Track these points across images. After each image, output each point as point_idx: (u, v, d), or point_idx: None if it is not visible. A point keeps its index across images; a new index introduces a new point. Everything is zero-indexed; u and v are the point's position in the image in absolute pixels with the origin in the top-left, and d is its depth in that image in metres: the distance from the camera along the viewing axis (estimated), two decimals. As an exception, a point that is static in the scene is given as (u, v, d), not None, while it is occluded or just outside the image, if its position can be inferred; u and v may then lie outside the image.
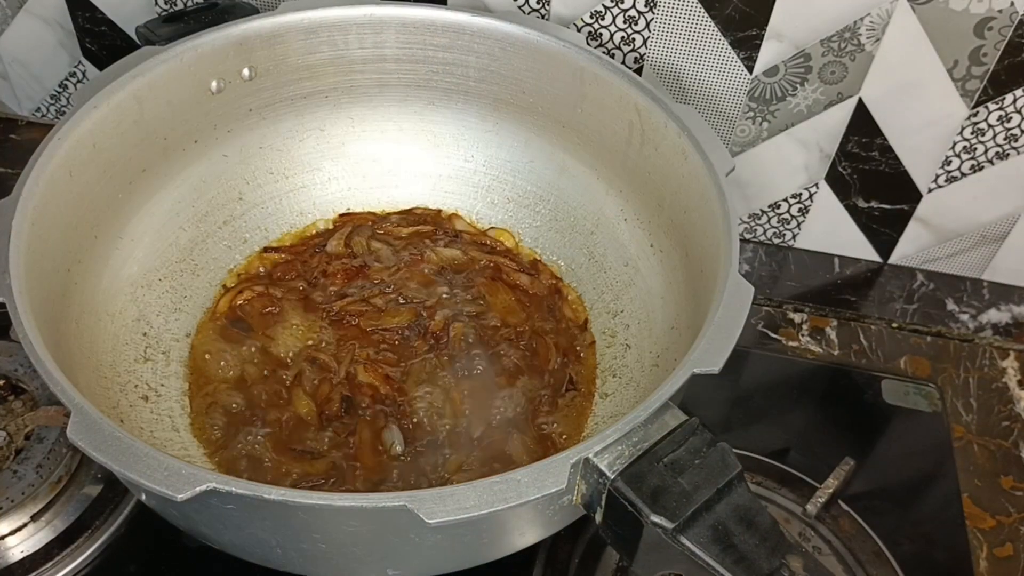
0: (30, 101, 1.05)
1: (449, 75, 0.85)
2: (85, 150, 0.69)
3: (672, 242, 0.75)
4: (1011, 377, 0.89)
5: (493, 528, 0.57)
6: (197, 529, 0.60)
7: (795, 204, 0.96)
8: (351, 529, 0.53)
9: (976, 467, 0.81)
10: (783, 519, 0.74)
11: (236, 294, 0.81)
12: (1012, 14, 0.78)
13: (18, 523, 0.67)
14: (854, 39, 0.82)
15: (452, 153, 0.90)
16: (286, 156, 0.87)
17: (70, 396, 0.52)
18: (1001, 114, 0.85)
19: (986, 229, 0.93)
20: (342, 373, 0.75)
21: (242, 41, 0.78)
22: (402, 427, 0.72)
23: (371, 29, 0.82)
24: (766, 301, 0.94)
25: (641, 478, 0.51)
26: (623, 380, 0.76)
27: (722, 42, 0.85)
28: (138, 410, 0.69)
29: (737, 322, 0.59)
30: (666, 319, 0.75)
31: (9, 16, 0.97)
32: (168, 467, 0.49)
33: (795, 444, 0.80)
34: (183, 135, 0.79)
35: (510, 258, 0.87)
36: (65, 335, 0.65)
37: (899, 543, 0.73)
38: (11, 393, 0.74)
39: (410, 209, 0.91)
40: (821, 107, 0.88)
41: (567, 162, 0.85)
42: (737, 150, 0.92)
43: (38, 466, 0.69)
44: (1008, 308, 0.96)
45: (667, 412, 0.54)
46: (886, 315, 0.94)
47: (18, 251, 0.60)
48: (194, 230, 0.82)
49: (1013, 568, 0.74)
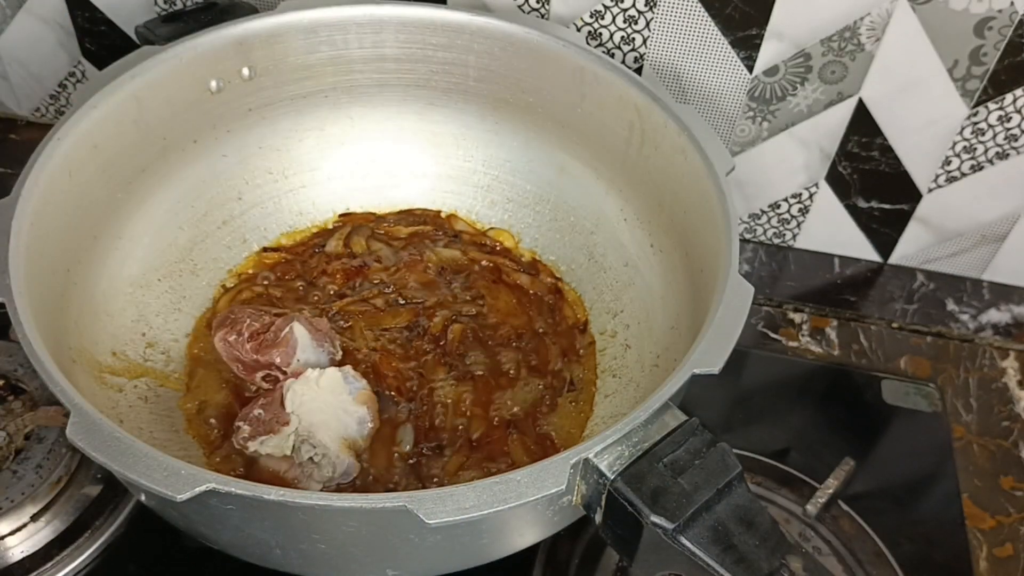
0: (29, 101, 1.05)
1: (449, 75, 0.85)
2: (84, 150, 0.69)
3: (672, 242, 0.75)
4: (1011, 377, 0.89)
5: (493, 528, 0.57)
6: (197, 529, 0.60)
7: (795, 204, 0.96)
8: (351, 529, 0.53)
9: (976, 467, 0.81)
10: (783, 519, 0.74)
11: (236, 294, 0.81)
12: (1012, 14, 0.78)
13: (18, 523, 0.67)
14: (854, 39, 0.82)
15: (452, 153, 0.90)
16: (285, 156, 0.87)
17: (70, 396, 0.52)
18: (1001, 114, 0.85)
19: (986, 229, 0.93)
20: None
21: (241, 41, 0.78)
22: (417, 426, 0.72)
23: (371, 29, 0.82)
24: (766, 301, 0.94)
25: (641, 478, 0.51)
26: (623, 380, 0.76)
27: (722, 42, 0.85)
28: (138, 410, 0.69)
29: (737, 322, 0.59)
30: (666, 319, 0.74)
31: (9, 16, 0.97)
32: (168, 467, 0.49)
33: (795, 444, 0.80)
34: (182, 135, 0.79)
35: (510, 258, 0.87)
36: (65, 335, 0.65)
37: (899, 543, 0.73)
38: (11, 393, 0.74)
39: (410, 209, 0.91)
40: (821, 107, 0.88)
41: (567, 162, 0.85)
42: (737, 150, 0.92)
43: (38, 466, 0.69)
44: (1008, 308, 0.96)
45: (667, 412, 0.54)
46: (886, 315, 0.94)
47: (18, 251, 0.60)
48: (193, 230, 0.82)
49: (1013, 568, 0.74)
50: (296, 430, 0.67)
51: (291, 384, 0.69)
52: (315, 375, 0.69)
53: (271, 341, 0.72)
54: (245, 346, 0.73)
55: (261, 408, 0.68)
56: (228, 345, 0.74)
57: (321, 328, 0.75)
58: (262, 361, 0.72)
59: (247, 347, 0.72)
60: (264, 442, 0.67)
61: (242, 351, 0.73)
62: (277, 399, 0.68)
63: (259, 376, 0.73)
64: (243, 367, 0.74)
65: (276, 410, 0.68)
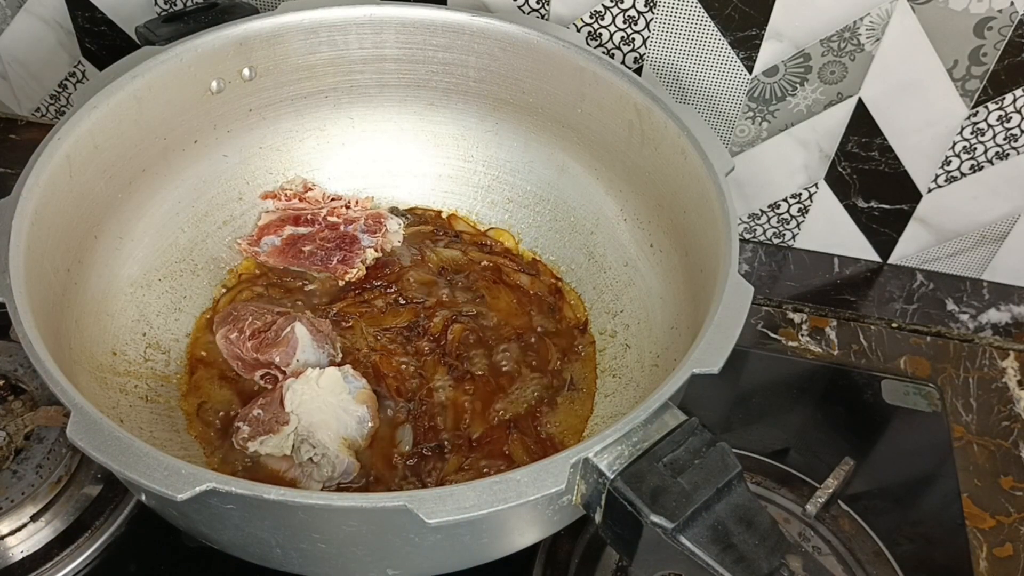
0: (30, 101, 1.05)
1: (449, 75, 0.85)
2: (85, 150, 0.69)
3: (672, 242, 0.75)
4: (1011, 377, 0.89)
5: (493, 528, 0.57)
6: (197, 529, 0.60)
7: (795, 204, 0.96)
8: (351, 529, 0.53)
9: (976, 467, 0.81)
10: (783, 519, 0.74)
11: (236, 294, 0.81)
12: (1012, 14, 0.78)
13: (18, 523, 0.67)
14: (854, 39, 0.82)
15: (452, 153, 0.90)
16: (286, 156, 0.87)
17: (70, 396, 0.52)
18: (1001, 114, 0.85)
19: (986, 229, 0.93)
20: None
21: (242, 41, 0.78)
22: (417, 426, 0.72)
23: (371, 29, 0.82)
24: (766, 301, 0.94)
25: (641, 478, 0.51)
26: (623, 380, 0.76)
27: (722, 42, 0.85)
28: (138, 410, 0.70)
29: (737, 322, 0.59)
30: (666, 319, 0.75)
31: (9, 16, 0.97)
32: (168, 467, 0.49)
33: (795, 444, 0.80)
34: (183, 135, 0.79)
35: (510, 258, 0.87)
36: (65, 335, 0.65)
37: (899, 543, 0.73)
38: (11, 393, 0.74)
39: (410, 209, 0.91)
40: (821, 107, 0.88)
41: (567, 162, 0.85)
42: (737, 150, 0.92)
43: (38, 466, 0.69)
44: (1008, 308, 0.96)
45: (667, 412, 0.54)
46: (886, 315, 0.94)
47: (18, 251, 0.60)
48: (194, 230, 0.82)
49: (1013, 568, 0.74)
50: (296, 430, 0.67)
51: (291, 383, 0.69)
52: (315, 374, 0.69)
53: (272, 340, 0.72)
54: (246, 344, 0.73)
55: (260, 408, 0.68)
56: (229, 342, 0.74)
57: (323, 329, 0.75)
58: (262, 360, 0.72)
59: (248, 345, 0.73)
60: (264, 442, 0.67)
61: (242, 349, 0.73)
62: (277, 399, 0.68)
63: (258, 375, 0.73)
64: (243, 365, 0.74)
65: (276, 410, 0.68)
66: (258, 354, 0.72)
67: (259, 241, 0.84)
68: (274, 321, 0.74)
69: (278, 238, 0.84)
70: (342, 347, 0.76)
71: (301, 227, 0.84)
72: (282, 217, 0.85)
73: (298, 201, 0.85)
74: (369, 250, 0.83)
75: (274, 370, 0.73)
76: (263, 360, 0.72)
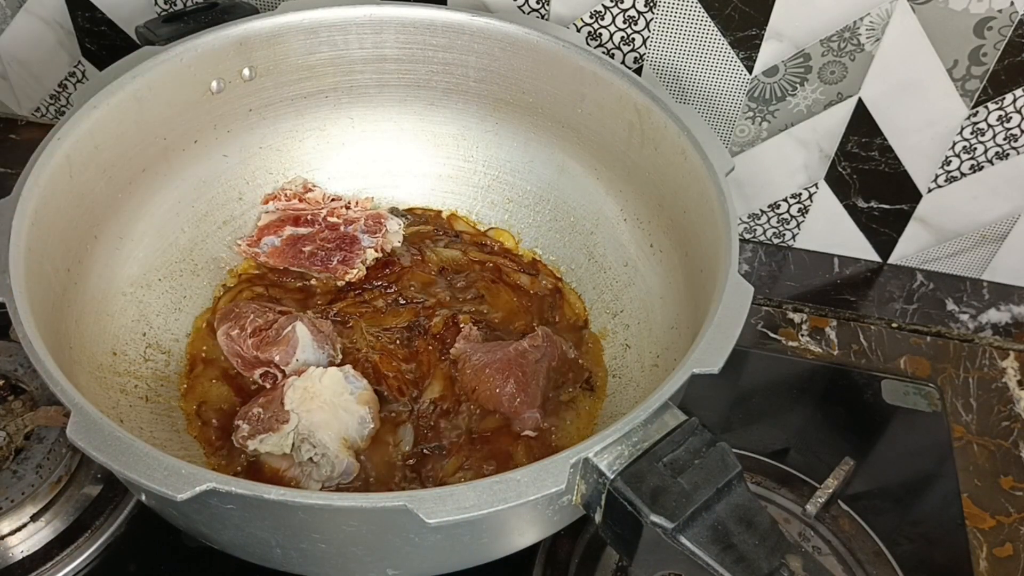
0: (30, 101, 1.05)
1: (449, 75, 0.85)
2: (85, 150, 0.69)
3: (672, 242, 0.75)
4: (1011, 377, 0.89)
5: (493, 528, 0.57)
6: (197, 529, 0.60)
7: (795, 204, 0.96)
8: (351, 529, 0.53)
9: (976, 467, 0.81)
10: (783, 519, 0.74)
11: (236, 294, 0.81)
12: (1012, 14, 0.78)
13: (18, 523, 0.67)
14: (854, 39, 0.82)
15: (452, 153, 0.90)
16: (286, 156, 0.87)
17: (70, 396, 0.52)
18: (1001, 114, 0.85)
19: (986, 229, 0.93)
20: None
21: (242, 41, 0.78)
22: (417, 427, 0.72)
23: (371, 29, 0.82)
24: (766, 301, 0.94)
25: (641, 478, 0.51)
26: (623, 380, 0.76)
27: (722, 42, 0.85)
28: (138, 410, 0.70)
29: (737, 322, 0.59)
30: (666, 319, 0.75)
31: (9, 16, 0.97)
32: (168, 467, 0.49)
33: (795, 444, 0.80)
34: (183, 135, 0.79)
35: (510, 258, 0.87)
36: (65, 335, 0.65)
37: (899, 543, 0.73)
38: (11, 393, 0.74)
39: (410, 209, 0.91)
40: (821, 107, 0.88)
41: (567, 162, 0.85)
42: (737, 150, 0.92)
43: (38, 466, 0.69)
44: (1008, 308, 0.96)
45: (667, 412, 0.54)
46: (886, 315, 0.94)
47: (18, 251, 0.60)
48: (194, 230, 0.82)
49: (1013, 568, 0.74)
50: (296, 428, 0.67)
51: (292, 382, 0.69)
52: (316, 374, 0.69)
53: (272, 339, 0.72)
54: (247, 341, 0.73)
55: (261, 406, 0.68)
56: (230, 339, 0.74)
57: (323, 330, 0.75)
58: (262, 358, 0.72)
59: (248, 343, 0.73)
60: (264, 440, 0.67)
61: (243, 346, 0.73)
62: (277, 397, 0.68)
63: (257, 373, 0.73)
64: (242, 362, 0.74)
65: (276, 408, 0.68)
66: (258, 352, 0.72)
67: (259, 241, 0.84)
68: (276, 320, 0.74)
69: (278, 238, 0.84)
70: (342, 347, 0.76)
71: (301, 227, 0.84)
72: (282, 217, 0.85)
73: (298, 201, 0.85)
74: (369, 250, 0.83)
75: (273, 369, 0.73)
76: (263, 358, 0.72)
